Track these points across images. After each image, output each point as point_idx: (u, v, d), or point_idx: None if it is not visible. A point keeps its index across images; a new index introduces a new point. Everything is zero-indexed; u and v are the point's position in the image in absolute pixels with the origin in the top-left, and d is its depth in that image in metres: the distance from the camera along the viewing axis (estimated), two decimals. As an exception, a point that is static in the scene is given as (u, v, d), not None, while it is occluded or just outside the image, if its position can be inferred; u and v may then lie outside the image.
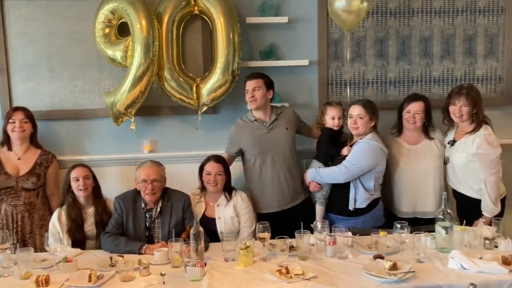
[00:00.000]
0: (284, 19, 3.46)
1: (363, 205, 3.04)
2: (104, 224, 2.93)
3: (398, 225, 2.49)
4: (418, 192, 3.15)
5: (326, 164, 3.15)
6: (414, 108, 3.13)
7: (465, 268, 2.32)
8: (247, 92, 3.15)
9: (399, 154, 3.17)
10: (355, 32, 3.53)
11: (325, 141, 3.18)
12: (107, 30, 3.31)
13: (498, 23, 3.60)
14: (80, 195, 2.97)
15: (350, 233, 2.72)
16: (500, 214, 3.01)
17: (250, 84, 3.14)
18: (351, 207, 3.05)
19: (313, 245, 2.60)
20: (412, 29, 3.57)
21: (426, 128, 3.19)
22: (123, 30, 3.34)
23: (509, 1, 3.55)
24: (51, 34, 3.42)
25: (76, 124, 3.53)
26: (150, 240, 2.86)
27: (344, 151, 3.10)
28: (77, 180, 2.95)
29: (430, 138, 3.18)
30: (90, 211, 3.00)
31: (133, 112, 3.34)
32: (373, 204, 3.08)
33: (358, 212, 3.05)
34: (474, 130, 3.01)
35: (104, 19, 3.28)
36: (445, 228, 2.56)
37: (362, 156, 2.99)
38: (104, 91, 3.44)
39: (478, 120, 3.02)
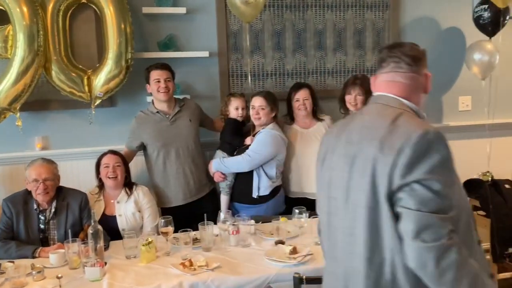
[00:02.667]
0: (182, 10, 3.40)
1: (266, 192, 3.14)
2: None
3: (297, 211, 2.59)
4: (308, 173, 3.29)
5: (231, 154, 3.19)
6: (302, 96, 3.28)
7: (358, 247, 2.49)
8: (158, 82, 3.07)
9: (293, 139, 3.30)
10: (253, 25, 3.59)
11: (229, 131, 3.23)
12: (-22, 18, 3.01)
13: (384, 18, 3.87)
14: None
15: (253, 221, 2.80)
16: None
17: (161, 74, 3.07)
18: (254, 194, 3.13)
19: (217, 235, 2.62)
20: (306, 23, 3.71)
21: (315, 113, 3.37)
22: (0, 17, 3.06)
23: (393, -3, 3.85)
24: None
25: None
26: (45, 242, 2.68)
27: (248, 140, 3.17)
28: None
29: (320, 120, 3.36)
30: None
31: (17, 108, 3.08)
32: (275, 191, 3.19)
33: (261, 199, 3.14)
34: None
35: (-26, 5, 2.98)
36: (340, 210, 2.71)
37: (265, 145, 3.08)
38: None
39: None
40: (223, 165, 3.14)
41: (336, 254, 1.56)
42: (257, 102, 3.13)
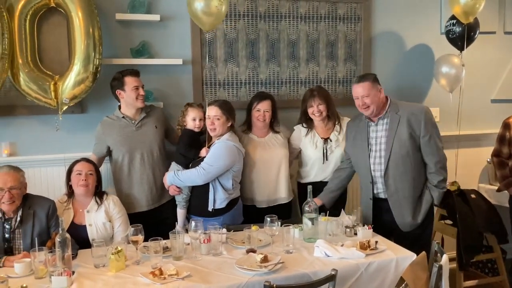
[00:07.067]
0: (156, 17, 3.40)
1: (223, 205, 3.07)
2: None
3: (269, 219, 2.60)
4: (272, 180, 3.30)
5: (186, 166, 3.11)
6: (264, 107, 3.27)
7: (328, 256, 2.50)
8: (136, 89, 3.07)
9: (252, 147, 3.28)
10: (227, 34, 3.61)
11: (184, 143, 3.14)
12: None
13: (356, 30, 3.94)
14: None
15: (224, 230, 2.79)
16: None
17: (138, 82, 3.11)
18: (210, 208, 3.06)
19: (188, 244, 2.60)
20: (280, 33, 3.75)
21: (272, 124, 3.37)
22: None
23: (364, 10, 3.92)
24: None
25: None
26: (10, 252, 2.60)
27: (203, 152, 3.09)
28: None
29: (275, 132, 3.38)
30: None
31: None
32: (232, 204, 3.11)
33: (217, 212, 3.07)
34: (337, 121, 3.38)
35: None
36: (311, 219, 2.74)
37: (219, 156, 3.00)
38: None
39: (333, 114, 3.36)
40: (177, 179, 3.06)
41: None
42: (212, 111, 3.05)
